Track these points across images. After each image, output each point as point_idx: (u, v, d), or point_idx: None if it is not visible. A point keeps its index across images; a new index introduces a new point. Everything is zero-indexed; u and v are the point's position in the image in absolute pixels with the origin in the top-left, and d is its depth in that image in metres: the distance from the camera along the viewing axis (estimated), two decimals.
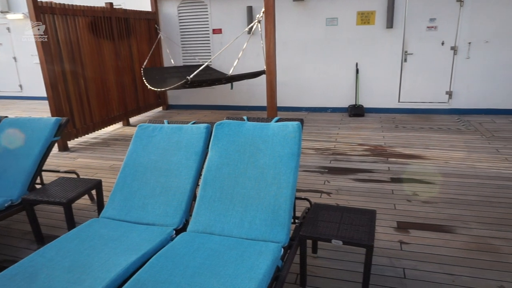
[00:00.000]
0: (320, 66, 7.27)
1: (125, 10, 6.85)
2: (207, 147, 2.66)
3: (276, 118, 2.64)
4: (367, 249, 2.11)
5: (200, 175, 2.61)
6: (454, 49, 6.54)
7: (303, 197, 2.97)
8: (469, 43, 6.44)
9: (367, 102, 7.20)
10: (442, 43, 6.57)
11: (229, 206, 2.39)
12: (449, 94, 6.78)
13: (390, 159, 4.66)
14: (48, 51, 5.08)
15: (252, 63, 7.38)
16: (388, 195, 3.68)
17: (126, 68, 6.92)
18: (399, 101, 7.05)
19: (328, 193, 3.78)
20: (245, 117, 2.72)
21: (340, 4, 6.82)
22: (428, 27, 6.56)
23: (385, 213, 3.33)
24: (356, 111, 7.00)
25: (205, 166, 2.56)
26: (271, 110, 4.24)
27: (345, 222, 2.37)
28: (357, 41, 6.93)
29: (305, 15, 7.06)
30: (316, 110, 7.57)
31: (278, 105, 7.58)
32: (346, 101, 7.35)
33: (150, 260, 1.98)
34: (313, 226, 2.34)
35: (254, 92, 7.69)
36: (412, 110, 7.02)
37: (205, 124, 2.74)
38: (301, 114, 7.38)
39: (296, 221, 2.60)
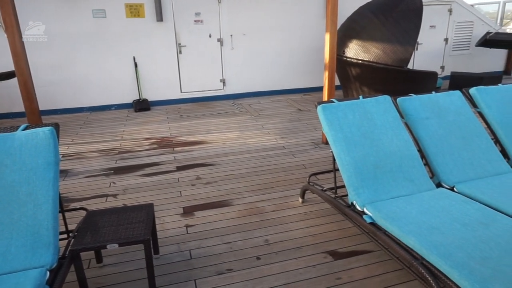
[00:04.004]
0: (95, 61, 6.76)
1: None
2: None
3: (23, 126, 2.28)
4: (144, 244, 2.12)
5: None
6: (220, 41, 7.28)
7: (78, 207, 2.73)
8: (231, 35, 7.30)
9: (151, 95, 7.21)
10: (210, 36, 7.20)
11: None
12: (223, 81, 7.56)
13: (176, 149, 4.84)
14: None
15: (5, 61, 6.16)
16: (174, 184, 3.82)
17: None
18: (181, 92, 7.37)
19: (115, 195, 3.61)
20: None
21: None
22: (195, 21, 7.04)
23: (172, 202, 3.45)
24: (141, 105, 6.93)
25: None
26: (32, 116, 3.65)
27: (123, 222, 2.31)
28: (130, 34, 6.78)
29: (69, 6, 6.36)
30: (99, 109, 7.06)
31: (52, 108, 6.71)
32: (130, 97, 7.14)
33: None
34: (89, 235, 2.17)
35: (16, 96, 6.47)
36: (194, 99, 7.48)
37: None
38: (82, 115, 6.73)
39: (70, 235, 2.36)
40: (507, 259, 1.77)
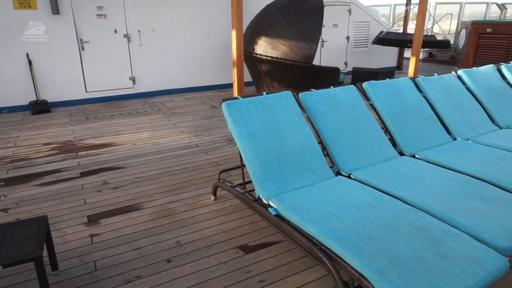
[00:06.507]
0: None
1: None
2: None
3: None
4: (35, 262, 1.92)
5: None
6: (127, 36, 6.91)
7: None
8: (139, 31, 6.98)
9: (51, 96, 6.57)
10: (115, 31, 6.79)
11: None
12: (133, 79, 7.20)
13: (80, 153, 4.48)
14: None
15: None
16: (78, 191, 3.54)
17: None
18: (86, 91, 6.84)
19: (5, 210, 3.22)
20: None
21: None
22: (98, 15, 6.57)
23: (75, 211, 3.19)
24: (40, 107, 6.27)
25: None
26: None
27: (9, 240, 2.06)
28: (19, 28, 6.07)
29: None
30: None
31: None
32: (25, 98, 6.42)
33: None
34: None
35: None
36: (102, 99, 7.01)
37: None
38: None
39: None
40: (390, 236, 1.98)
